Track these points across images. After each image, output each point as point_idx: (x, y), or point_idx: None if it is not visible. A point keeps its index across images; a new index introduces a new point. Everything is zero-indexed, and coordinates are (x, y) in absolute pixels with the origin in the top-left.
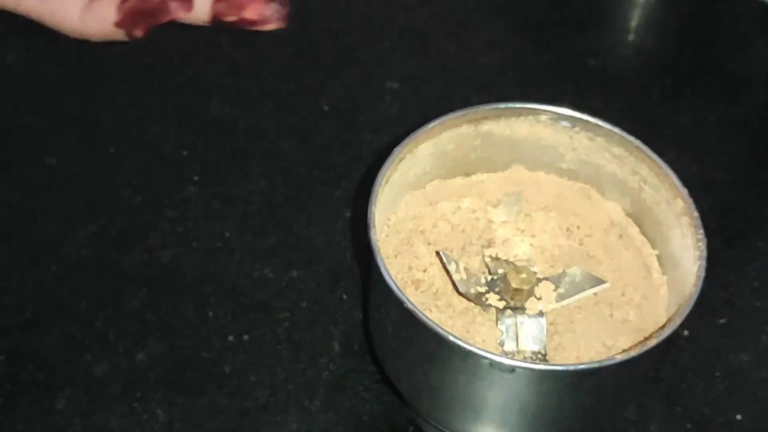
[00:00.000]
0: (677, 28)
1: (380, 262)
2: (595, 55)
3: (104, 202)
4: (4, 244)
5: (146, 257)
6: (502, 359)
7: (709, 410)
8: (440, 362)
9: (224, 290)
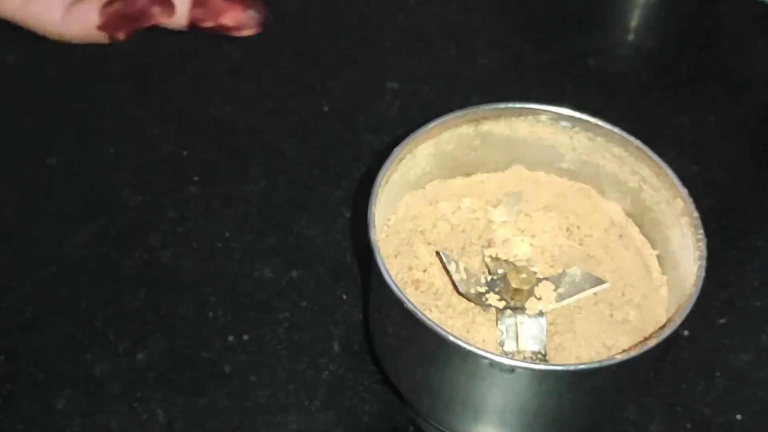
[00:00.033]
0: (677, 28)
1: (380, 262)
2: (595, 55)
3: (104, 202)
4: (4, 244)
5: (146, 257)
6: (502, 359)
7: (709, 410)
8: (440, 362)
9: (224, 290)
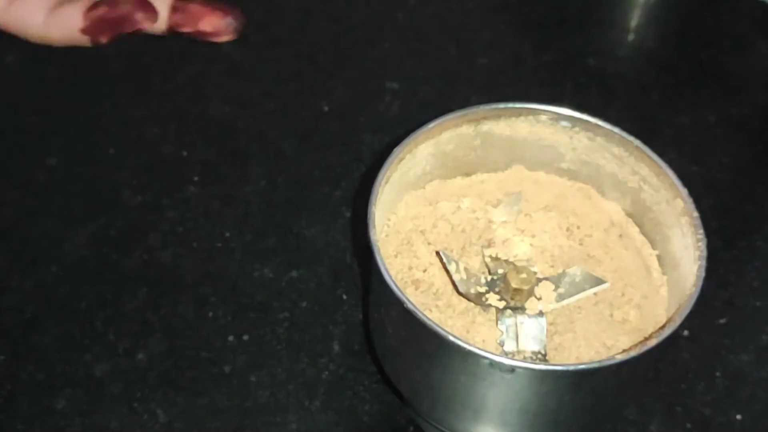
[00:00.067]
0: (677, 28)
1: (380, 262)
2: (595, 55)
3: (104, 202)
4: (4, 244)
5: (146, 257)
6: (502, 359)
7: (709, 410)
8: (440, 362)
9: (224, 290)
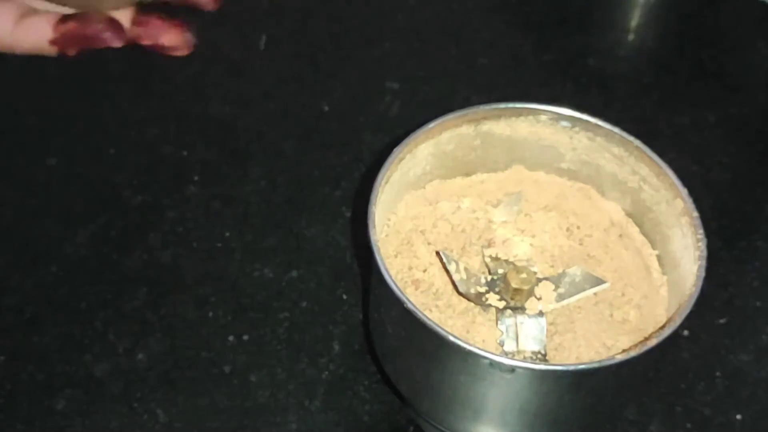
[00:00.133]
0: (677, 28)
1: (380, 262)
2: (595, 55)
3: (104, 202)
4: (4, 244)
5: (146, 257)
6: (502, 359)
7: (709, 410)
8: (440, 362)
9: (224, 290)
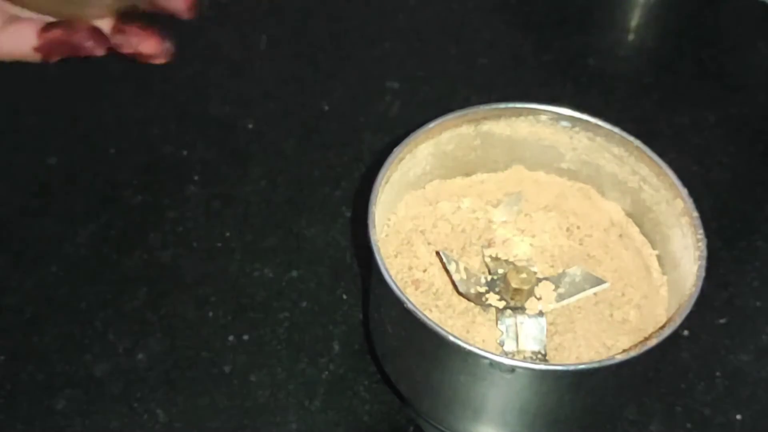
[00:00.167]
0: (677, 28)
1: (380, 262)
2: (595, 55)
3: (104, 202)
4: (4, 244)
5: (146, 257)
6: (502, 359)
7: (709, 410)
8: (440, 362)
9: (224, 290)
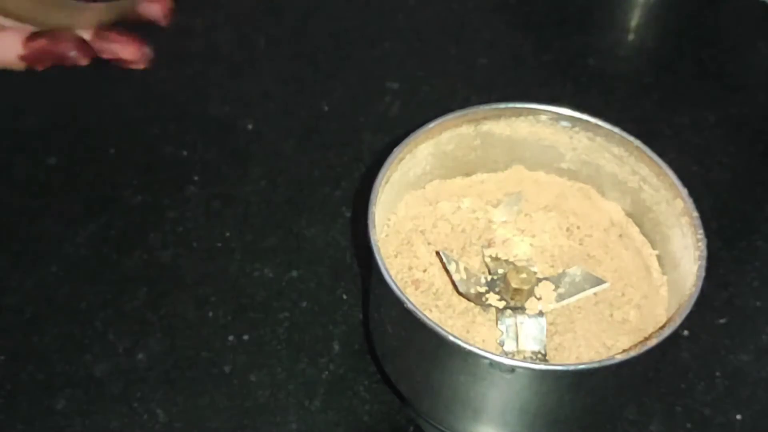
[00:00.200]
0: (677, 28)
1: (380, 262)
2: (595, 55)
3: (104, 202)
4: (4, 244)
5: (146, 257)
6: (502, 359)
7: (709, 410)
8: (440, 362)
9: (224, 290)
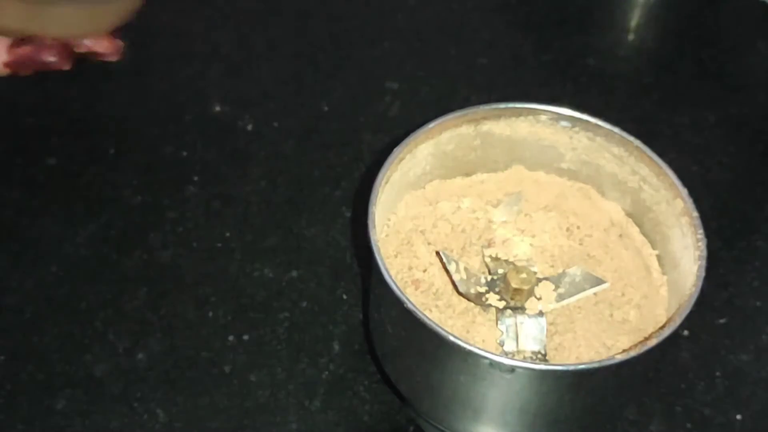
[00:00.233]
0: (677, 28)
1: (380, 262)
2: (595, 55)
3: (104, 202)
4: (4, 244)
5: (146, 257)
6: (502, 359)
7: (709, 410)
8: (440, 362)
9: (224, 290)
